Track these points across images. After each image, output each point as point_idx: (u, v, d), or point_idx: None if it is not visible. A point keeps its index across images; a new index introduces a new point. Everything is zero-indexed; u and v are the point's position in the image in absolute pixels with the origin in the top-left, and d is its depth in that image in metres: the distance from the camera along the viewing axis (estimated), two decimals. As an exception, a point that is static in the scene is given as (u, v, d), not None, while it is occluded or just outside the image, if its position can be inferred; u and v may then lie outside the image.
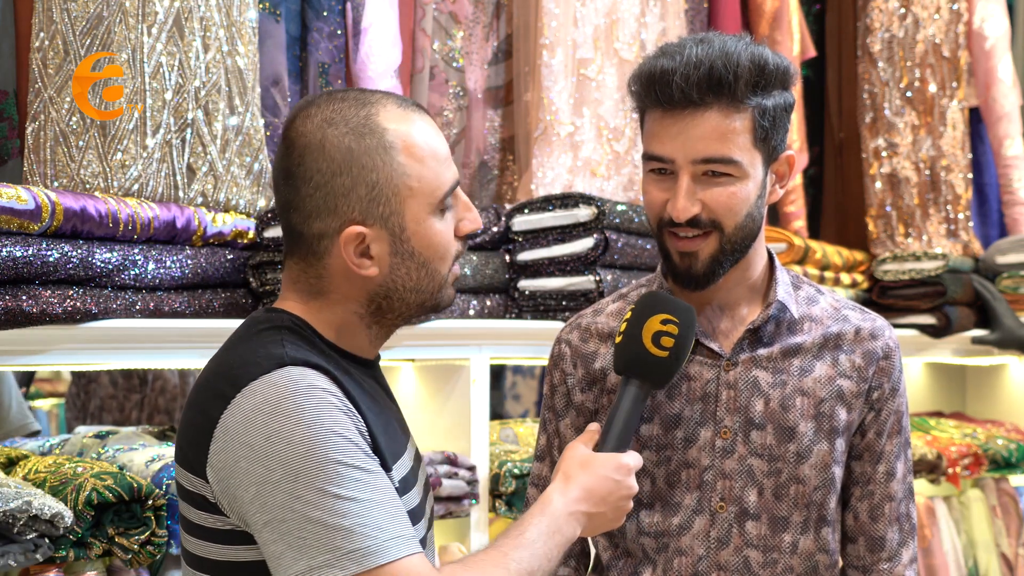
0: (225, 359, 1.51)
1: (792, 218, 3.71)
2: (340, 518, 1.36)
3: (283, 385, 1.41)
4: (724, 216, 1.73)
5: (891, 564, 1.87)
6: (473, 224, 1.59)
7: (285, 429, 1.39)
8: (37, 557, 1.91)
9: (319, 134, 1.50)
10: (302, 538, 1.36)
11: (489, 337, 2.68)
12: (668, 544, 1.82)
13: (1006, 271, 3.88)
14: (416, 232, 1.52)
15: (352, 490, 1.38)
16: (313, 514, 1.37)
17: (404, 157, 1.51)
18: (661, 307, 1.69)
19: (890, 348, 1.86)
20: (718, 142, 1.70)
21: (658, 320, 1.67)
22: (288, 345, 1.47)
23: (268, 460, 1.38)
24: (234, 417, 1.42)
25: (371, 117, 1.51)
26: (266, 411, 1.40)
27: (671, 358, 1.67)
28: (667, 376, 1.69)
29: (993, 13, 3.94)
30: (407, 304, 1.56)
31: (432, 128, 1.56)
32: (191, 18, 2.34)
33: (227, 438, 1.42)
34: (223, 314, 2.40)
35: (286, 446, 1.38)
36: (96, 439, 2.38)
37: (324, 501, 1.37)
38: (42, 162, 2.19)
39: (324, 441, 1.39)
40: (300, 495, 1.37)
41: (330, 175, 1.49)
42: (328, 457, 1.38)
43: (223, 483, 1.43)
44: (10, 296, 1.99)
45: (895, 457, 1.87)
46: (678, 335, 1.67)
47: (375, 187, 1.50)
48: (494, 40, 3.15)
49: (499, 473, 2.64)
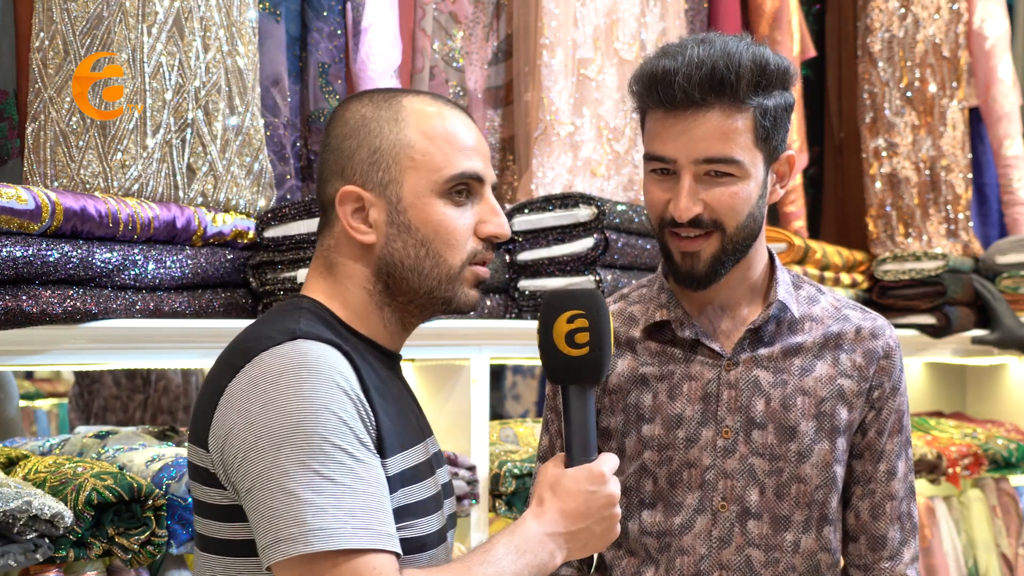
0: (242, 336, 1.52)
1: (792, 218, 3.71)
2: (314, 494, 1.35)
3: (290, 356, 1.41)
4: (726, 216, 1.73)
5: (893, 563, 1.87)
6: (497, 228, 1.57)
7: (281, 398, 1.38)
8: (37, 557, 1.91)
9: (346, 106, 1.57)
10: (273, 508, 1.35)
11: (489, 337, 2.68)
12: (670, 543, 1.82)
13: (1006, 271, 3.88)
14: (413, 205, 1.52)
15: (334, 471, 1.36)
16: (289, 485, 1.35)
17: (413, 131, 1.53)
18: (563, 305, 1.59)
19: (891, 347, 1.87)
20: (720, 142, 1.70)
21: (564, 320, 1.58)
22: (303, 321, 1.48)
23: (257, 427, 1.38)
24: (238, 384, 1.42)
25: (396, 96, 1.56)
26: (268, 379, 1.40)
27: (594, 351, 1.57)
28: (599, 369, 1.59)
29: (993, 13, 3.94)
30: (413, 288, 1.55)
31: (462, 122, 1.57)
32: (191, 18, 2.34)
33: (228, 405, 1.42)
34: (223, 314, 2.40)
35: (278, 415, 1.37)
36: (96, 439, 2.38)
37: (303, 474, 1.35)
38: (42, 162, 2.19)
39: (316, 416, 1.37)
40: (280, 465, 1.36)
41: (341, 138, 1.55)
42: (317, 433, 1.37)
43: (220, 451, 1.43)
44: (10, 296, 1.99)
45: (896, 456, 1.87)
46: (590, 327, 1.57)
47: (376, 152, 1.53)
48: (494, 40, 3.15)
49: (499, 473, 2.64)
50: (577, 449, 1.57)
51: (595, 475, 1.55)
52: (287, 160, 2.70)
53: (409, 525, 1.50)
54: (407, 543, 1.48)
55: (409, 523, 1.50)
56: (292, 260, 2.43)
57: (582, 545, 1.55)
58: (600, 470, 1.55)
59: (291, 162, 2.72)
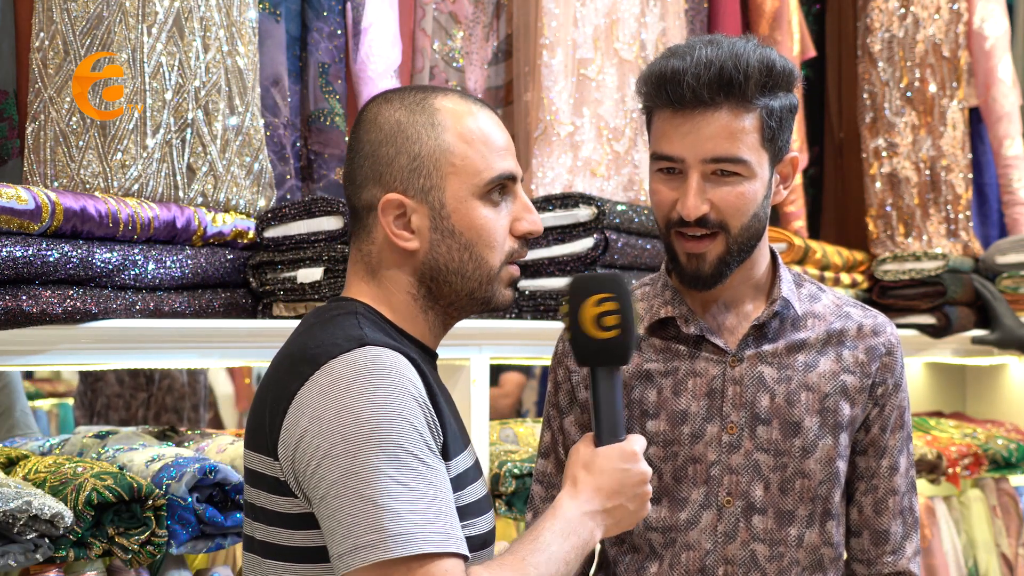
0: (301, 343, 1.51)
1: (792, 218, 3.71)
2: (391, 500, 1.36)
3: (362, 363, 1.42)
4: (731, 216, 1.75)
5: (895, 557, 1.89)
6: (531, 226, 1.58)
7: (355, 405, 1.39)
8: (37, 557, 1.91)
9: (376, 110, 1.56)
10: (351, 515, 1.36)
11: (489, 337, 2.68)
12: (675, 539, 1.83)
13: (1006, 271, 3.88)
14: (456, 210, 1.53)
15: (408, 477, 1.37)
16: (366, 492, 1.36)
17: (451, 136, 1.53)
18: (591, 288, 1.61)
19: (892, 344, 1.89)
20: (728, 141, 1.72)
21: (592, 302, 1.60)
22: (366, 327, 1.48)
23: (332, 434, 1.39)
24: (309, 392, 1.42)
25: (428, 98, 1.56)
26: (340, 387, 1.40)
27: (622, 333, 1.60)
28: (628, 350, 1.62)
29: (993, 13, 3.94)
30: (456, 291, 1.56)
31: (492, 120, 1.58)
32: (191, 18, 2.34)
33: (298, 412, 1.42)
34: (223, 314, 2.40)
35: (352, 422, 1.38)
36: (96, 439, 2.38)
37: (379, 481, 1.36)
38: (42, 162, 2.19)
39: (390, 423, 1.38)
40: (356, 471, 1.37)
41: (377, 144, 1.54)
42: (391, 439, 1.38)
43: (290, 459, 1.43)
44: (10, 296, 1.99)
45: (898, 452, 1.89)
46: (619, 309, 1.60)
47: (417, 158, 1.52)
48: (494, 40, 3.15)
49: (499, 473, 2.64)
50: (606, 430, 1.61)
51: (627, 453, 1.59)
52: (287, 160, 2.70)
53: (470, 524, 1.51)
54: (470, 541, 1.48)
55: (470, 522, 1.51)
56: (292, 260, 2.43)
57: (616, 522, 1.58)
58: (632, 448, 1.60)
59: (291, 162, 2.72)
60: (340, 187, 2.79)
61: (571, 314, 1.62)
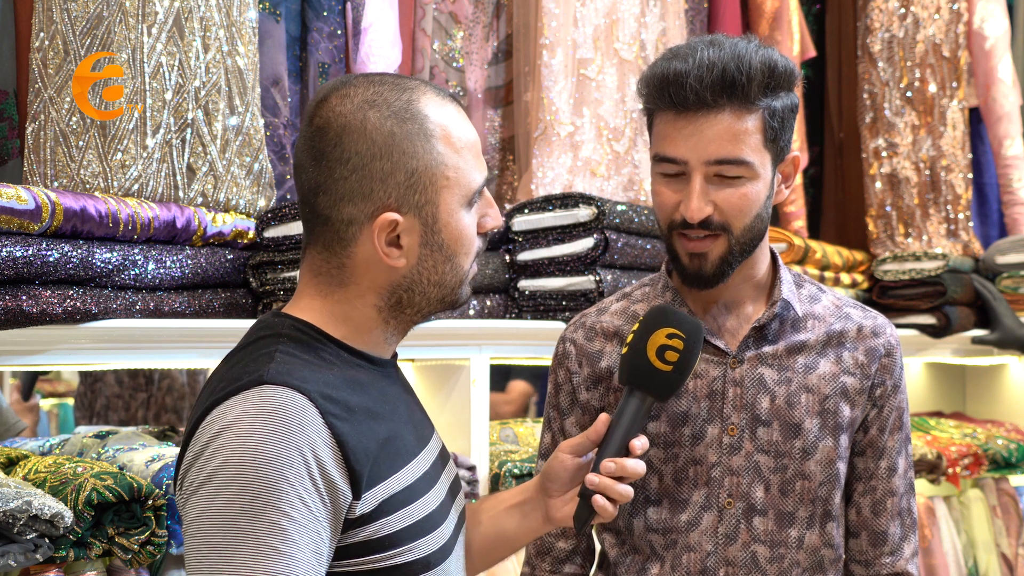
0: (218, 371, 1.48)
1: (792, 218, 3.71)
2: (233, 553, 1.32)
3: (250, 404, 1.37)
4: (734, 218, 1.74)
5: (893, 558, 1.89)
6: (495, 221, 1.56)
7: (229, 448, 1.35)
8: (37, 557, 1.91)
9: (360, 115, 1.46)
10: (197, 559, 1.34)
11: (489, 337, 2.68)
12: (676, 540, 1.83)
13: (1006, 271, 3.88)
14: (448, 224, 1.49)
15: (259, 529, 1.33)
16: (213, 539, 1.33)
17: (443, 146, 1.48)
18: (668, 321, 1.67)
19: (892, 345, 1.89)
20: (731, 143, 1.71)
21: (664, 334, 1.66)
22: (278, 357, 1.43)
23: (203, 470, 1.36)
24: (202, 428, 1.40)
25: (412, 103, 1.48)
26: (223, 426, 1.37)
27: (675, 372, 1.65)
28: (670, 390, 1.67)
29: (993, 13, 3.94)
30: (428, 299, 1.53)
31: (466, 120, 1.54)
32: (191, 18, 2.34)
33: (191, 447, 1.40)
34: (223, 314, 2.40)
35: (222, 462, 1.35)
36: (96, 439, 2.38)
37: (228, 530, 1.33)
38: (42, 162, 2.19)
39: (257, 472, 1.33)
40: (211, 515, 1.34)
41: (369, 158, 1.46)
42: (252, 488, 1.33)
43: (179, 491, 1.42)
44: (10, 296, 1.99)
45: (897, 453, 1.89)
46: (683, 350, 1.65)
47: (414, 174, 1.47)
48: (494, 40, 3.15)
49: (499, 473, 2.64)
50: (614, 447, 1.63)
51: None
52: (287, 160, 2.70)
53: (410, 548, 1.47)
54: (407, 567, 1.46)
55: (410, 546, 1.47)
56: (292, 260, 2.43)
57: None
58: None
59: (291, 162, 2.72)
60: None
61: (638, 334, 1.67)
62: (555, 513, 1.69)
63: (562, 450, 1.68)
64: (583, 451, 1.68)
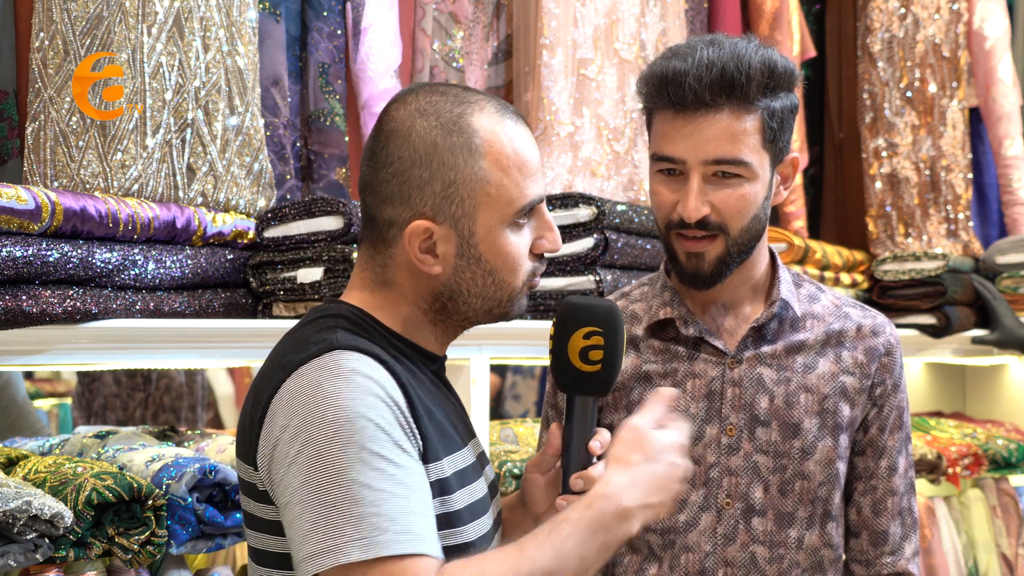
0: (279, 350, 1.51)
1: (792, 218, 3.71)
2: (352, 504, 1.34)
3: (327, 368, 1.41)
4: (732, 218, 1.74)
5: (894, 558, 1.89)
6: (552, 245, 1.56)
7: (319, 411, 1.38)
8: (37, 557, 1.90)
9: (409, 121, 1.50)
10: (313, 520, 1.35)
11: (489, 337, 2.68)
12: (675, 541, 1.83)
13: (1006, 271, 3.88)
14: (485, 239, 1.50)
15: (371, 478, 1.35)
16: (327, 497, 1.35)
17: (488, 163, 1.49)
18: (580, 319, 1.59)
19: (891, 344, 1.88)
20: (729, 143, 1.71)
21: (581, 335, 1.59)
22: (340, 332, 1.47)
23: (297, 440, 1.38)
24: (280, 399, 1.42)
25: (464, 116, 1.50)
26: (307, 392, 1.40)
27: (605, 369, 1.59)
28: (607, 386, 1.61)
29: (993, 13, 3.94)
30: (473, 309, 1.55)
31: (527, 139, 1.54)
32: (191, 18, 2.34)
33: (272, 421, 1.43)
34: (223, 314, 2.40)
35: (316, 427, 1.37)
36: (96, 439, 2.38)
37: (340, 485, 1.35)
38: (42, 162, 2.19)
39: (352, 425, 1.37)
40: (318, 476, 1.36)
41: (409, 164, 1.49)
42: (353, 441, 1.36)
43: (267, 468, 1.43)
44: (10, 296, 1.99)
45: (897, 452, 1.89)
46: (605, 345, 1.59)
47: (451, 186, 1.48)
48: (494, 40, 3.15)
49: (499, 473, 2.63)
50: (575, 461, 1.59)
51: (680, 446, 1.52)
52: (287, 160, 2.70)
53: (457, 532, 1.49)
54: (452, 550, 1.46)
55: (457, 530, 1.49)
56: (292, 260, 2.43)
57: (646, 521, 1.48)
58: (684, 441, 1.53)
59: (291, 162, 2.72)
60: (340, 187, 2.79)
61: (556, 340, 1.60)
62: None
63: (528, 471, 1.69)
64: (548, 466, 1.67)
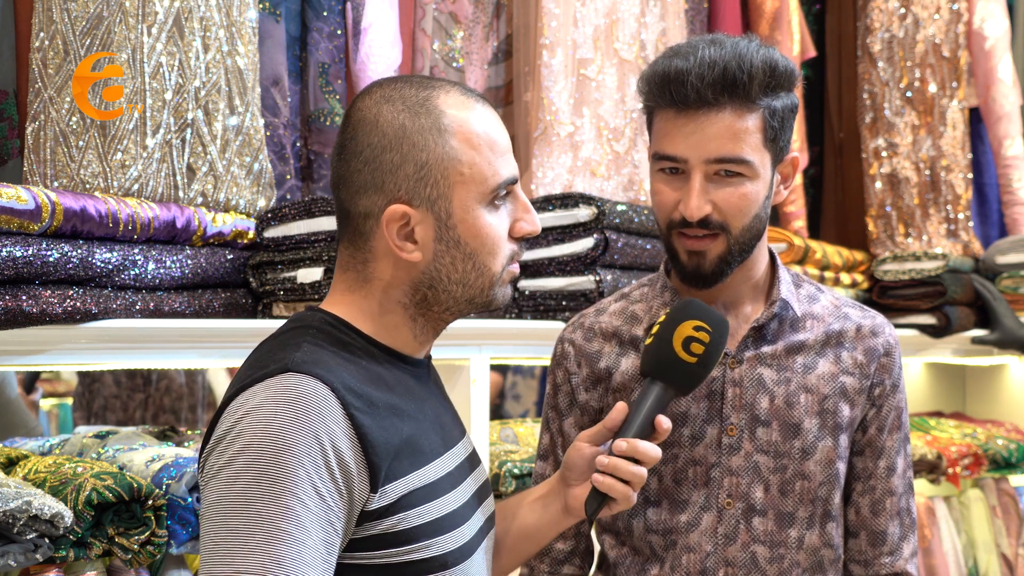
0: (249, 358, 1.50)
1: (792, 218, 3.71)
2: (249, 535, 1.33)
3: (274, 391, 1.39)
4: (733, 217, 1.74)
5: (892, 558, 1.89)
6: (531, 226, 1.55)
7: (251, 433, 1.36)
8: (37, 557, 1.90)
9: (375, 109, 1.49)
10: (215, 542, 1.34)
11: (489, 337, 2.68)
12: (676, 541, 1.83)
13: (1006, 271, 3.88)
14: (463, 220, 1.49)
15: (277, 515, 1.33)
16: (232, 521, 1.34)
17: (458, 142, 1.48)
18: (696, 313, 1.67)
19: (891, 345, 1.89)
20: (731, 142, 1.71)
21: (691, 326, 1.65)
22: (304, 347, 1.44)
23: (224, 455, 1.37)
24: (229, 411, 1.41)
25: (430, 99, 1.49)
26: (248, 413, 1.38)
27: (699, 365, 1.65)
28: (692, 383, 1.67)
29: (993, 13, 3.94)
30: (454, 298, 1.53)
31: (494, 120, 1.53)
32: (191, 18, 2.34)
33: (216, 429, 1.42)
34: (223, 314, 2.40)
35: (244, 449, 1.36)
36: (96, 439, 2.38)
37: (247, 514, 1.33)
38: (42, 162, 2.19)
39: (277, 457, 1.34)
40: (230, 498, 1.35)
41: (380, 150, 1.47)
42: (268, 474, 1.34)
43: (201, 472, 1.43)
44: (10, 296, 1.99)
45: (895, 452, 1.89)
46: (709, 343, 1.65)
47: (424, 167, 1.47)
48: (494, 40, 3.15)
49: (499, 473, 2.63)
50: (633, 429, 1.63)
51: None
52: (287, 160, 2.70)
53: (429, 544, 1.47)
54: (422, 564, 1.45)
55: (430, 542, 1.47)
56: (292, 260, 2.43)
57: None
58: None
59: (291, 162, 2.72)
60: (340, 187, 2.79)
61: (665, 324, 1.66)
62: (574, 503, 1.69)
63: (580, 439, 1.69)
64: (601, 439, 1.68)
